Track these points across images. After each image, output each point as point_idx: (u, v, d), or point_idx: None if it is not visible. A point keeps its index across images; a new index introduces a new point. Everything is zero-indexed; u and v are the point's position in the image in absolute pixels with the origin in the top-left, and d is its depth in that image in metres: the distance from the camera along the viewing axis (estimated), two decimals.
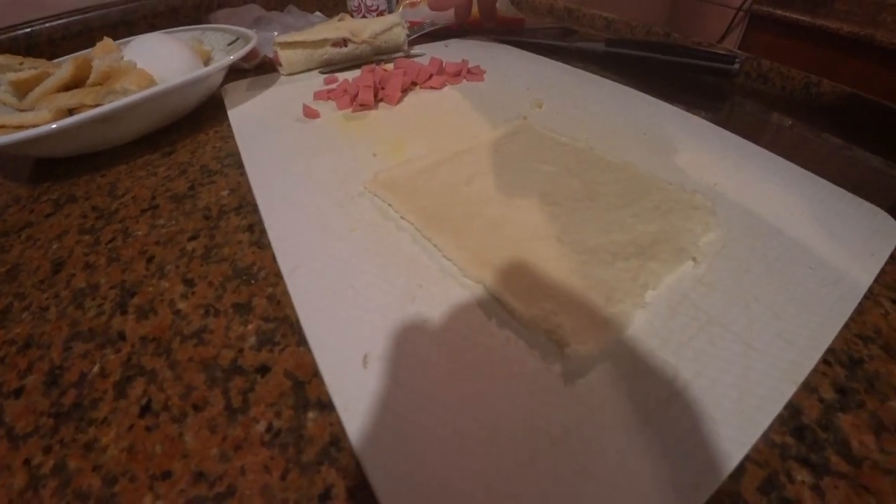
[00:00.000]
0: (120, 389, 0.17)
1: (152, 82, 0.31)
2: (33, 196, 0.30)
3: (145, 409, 0.16)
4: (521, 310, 0.16)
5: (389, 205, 0.22)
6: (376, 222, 0.21)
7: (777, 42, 0.97)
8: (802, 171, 0.26)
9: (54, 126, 0.27)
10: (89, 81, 0.33)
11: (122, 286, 0.22)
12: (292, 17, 0.52)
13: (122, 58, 0.33)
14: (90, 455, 0.15)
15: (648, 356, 0.16)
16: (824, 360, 0.17)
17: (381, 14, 0.54)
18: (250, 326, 0.19)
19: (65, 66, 0.33)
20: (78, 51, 0.52)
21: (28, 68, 0.35)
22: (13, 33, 0.50)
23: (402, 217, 0.21)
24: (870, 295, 0.20)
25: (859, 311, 0.19)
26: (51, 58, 0.52)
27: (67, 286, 0.22)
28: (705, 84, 0.40)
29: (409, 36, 0.44)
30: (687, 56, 0.39)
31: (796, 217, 0.22)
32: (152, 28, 0.57)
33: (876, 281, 0.20)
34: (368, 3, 0.53)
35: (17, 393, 0.18)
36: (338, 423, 0.15)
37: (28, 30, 0.51)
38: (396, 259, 0.19)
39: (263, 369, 0.17)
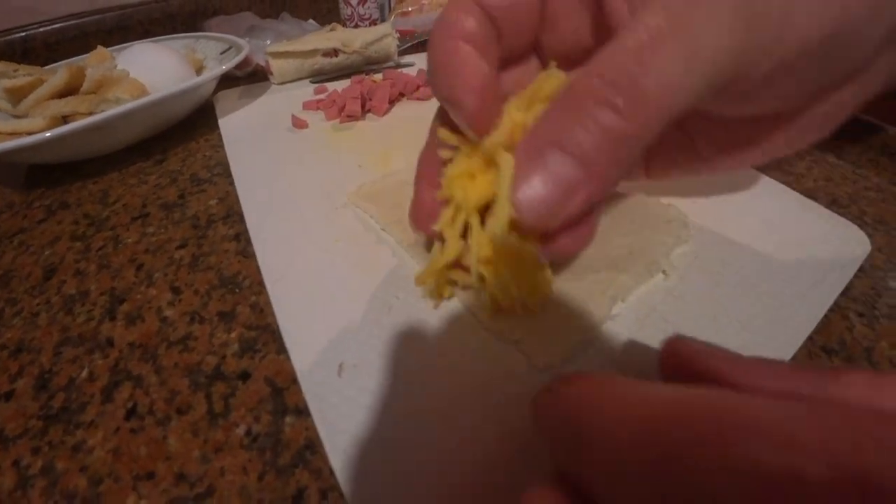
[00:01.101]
0: (107, 393, 0.18)
1: (144, 91, 0.32)
2: (26, 202, 0.31)
3: (131, 413, 0.17)
4: (488, 322, 0.17)
5: (371, 217, 0.23)
6: (358, 234, 0.22)
7: None
8: (776, 184, 0.27)
9: (48, 134, 0.28)
10: (83, 89, 0.34)
11: (112, 293, 0.22)
12: (286, 25, 0.53)
13: (116, 66, 0.34)
14: (77, 456, 0.16)
15: (613, 366, 0.17)
16: None
17: (373, 23, 0.55)
18: (233, 334, 0.20)
19: (59, 74, 0.34)
20: (74, 55, 0.53)
21: (23, 75, 0.36)
22: (9, 37, 0.51)
23: (382, 229, 0.22)
24: (836, 308, 0.21)
25: (825, 323, 0.20)
26: (46, 62, 0.53)
27: (58, 292, 0.23)
28: None
29: (399, 46, 0.46)
30: None
31: (769, 230, 0.24)
32: (147, 34, 0.58)
33: (843, 294, 0.21)
34: (361, 12, 0.54)
35: (8, 396, 0.18)
36: (313, 429, 0.16)
37: (23, 34, 0.52)
38: (376, 270, 0.20)
39: (245, 375, 0.18)
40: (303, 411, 0.17)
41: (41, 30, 0.53)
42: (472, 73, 0.15)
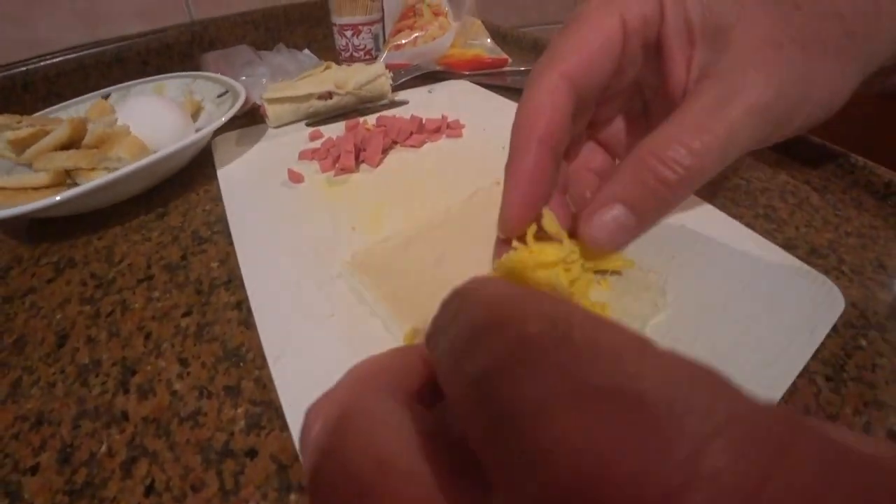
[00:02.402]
0: (126, 469, 0.20)
1: (144, 150, 0.34)
2: (34, 257, 0.33)
3: (149, 490, 0.20)
4: None
5: (364, 288, 0.25)
6: (352, 307, 0.25)
7: None
8: (756, 237, 0.29)
9: (58, 198, 0.30)
10: (85, 142, 0.36)
11: (123, 363, 0.25)
12: (282, 57, 0.55)
13: (116, 120, 0.36)
14: None
15: None
16: None
17: (367, 53, 0.57)
18: (240, 410, 0.22)
19: (62, 128, 0.36)
20: (73, 88, 0.55)
21: (26, 126, 0.38)
22: (9, 72, 0.53)
23: (375, 302, 0.24)
24: (805, 372, 0.23)
25: (792, 390, 0.22)
26: (48, 95, 0.56)
27: (72, 361, 0.25)
28: None
29: (393, 83, 0.47)
30: None
31: (745, 290, 0.25)
32: (145, 65, 0.60)
33: (813, 357, 0.23)
34: (356, 43, 0.56)
35: (34, 470, 0.21)
36: None
37: (24, 69, 0.54)
38: (369, 347, 0.22)
39: (252, 452, 0.20)
40: (305, 489, 0.19)
41: (41, 64, 0.55)
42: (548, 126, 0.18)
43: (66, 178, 0.35)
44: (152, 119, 0.36)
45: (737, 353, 0.22)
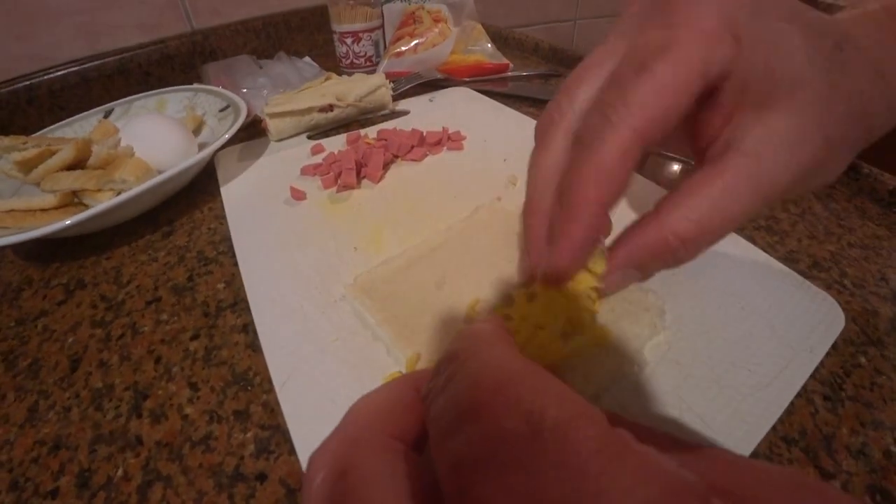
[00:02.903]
0: (142, 493, 0.21)
1: (149, 172, 0.35)
2: (44, 279, 0.34)
3: None
4: None
5: (366, 311, 0.26)
6: (355, 330, 0.25)
7: None
8: (757, 251, 0.29)
9: (69, 222, 0.31)
10: (90, 163, 0.37)
11: (135, 388, 0.26)
12: (282, 65, 0.56)
13: (119, 141, 0.37)
14: None
15: None
16: None
17: (368, 60, 0.57)
18: (249, 434, 0.23)
19: (67, 149, 0.37)
20: (77, 101, 0.56)
21: (32, 146, 0.39)
22: (13, 87, 0.54)
23: (377, 325, 0.25)
24: (802, 392, 0.23)
25: (789, 411, 0.22)
26: (52, 108, 0.57)
27: (86, 385, 0.26)
28: None
29: (394, 92, 0.48)
30: None
31: (744, 308, 0.26)
32: (147, 76, 0.61)
33: (811, 377, 0.23)
34: (356, 50, 0.56)
35: (53, 494, 0.22)
36: None
37: (27, 83, 0.55)
38: (371, 371, 0.23)
39: (262, 477, 0.21)
40: None
41: (45, 78, 0.56)
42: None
43: (74, 198, 0.37)
44: (155, 139, 0.37)
45: (735, 374, 0.23)
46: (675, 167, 0.39)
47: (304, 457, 0.21)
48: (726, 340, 0.24)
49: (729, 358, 0.24)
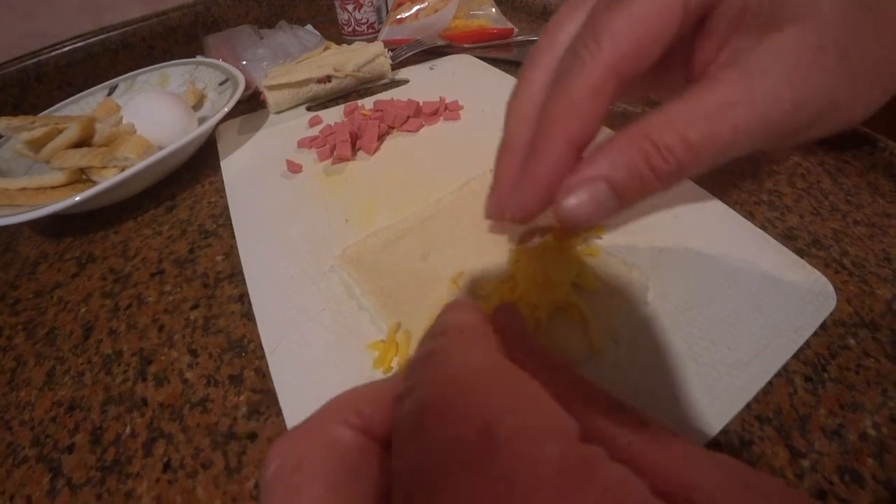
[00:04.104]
0: (147, 449, 0.24)
1: (150, 149, 0.36)
2: (58, 252, 0.37)
3: (167, 466, 0.23)
4: None
5: (353, 282, 0.27)
6: (342, 301, 0.27)
7: None
8: (754, 228, 0.29)
9: (78, 199, 0.33)
10: (95, 141, 0.39)
11: (141, 354, 0.28)
12: (283, 35, 0.56)
13: (121, 119, 0.39)
14: (130, 502, 0.22)
15: None
16: (714, 442, 0.21)
17: (371, 27, 0.57)
18: (242, 397, 0.25)
19: (72, 127, 0.39)
20: (84, 77, 0.58)
21: (40, 126, 0.41)
22: (22, 64, 0.57)
23: (362, 295, 0.26)
24: (783, 372, 0.24)
25: (767, 389, 0.23)
26: (60, 85, 0.59)
27: (97, 352, 0.29)
28: None
29: (393, 60, 0.48)
30: None
31: (732, 286, 0.26)
32: (151, 49, 0.62)
33: (795, 357, 0.24)
34: (358, 17, 0.55)
35: (70, 449, 0.25)
36: None
37: (35, 60, 0.57)
38: (355, 340, 0.25)
39: (252, 436, 0.23)
40: None
41: (52, 54, 0.58)
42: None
43: (82, 175, 0.39)
44: (155, 116, 0.38)
45: (714, 352, 0.23)
46: None
47: (290, 419, 0.23)
48: (709, 318, 0.25)
49: (710, 335, 0.24)
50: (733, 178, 0.34)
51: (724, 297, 0.26)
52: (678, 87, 0.19)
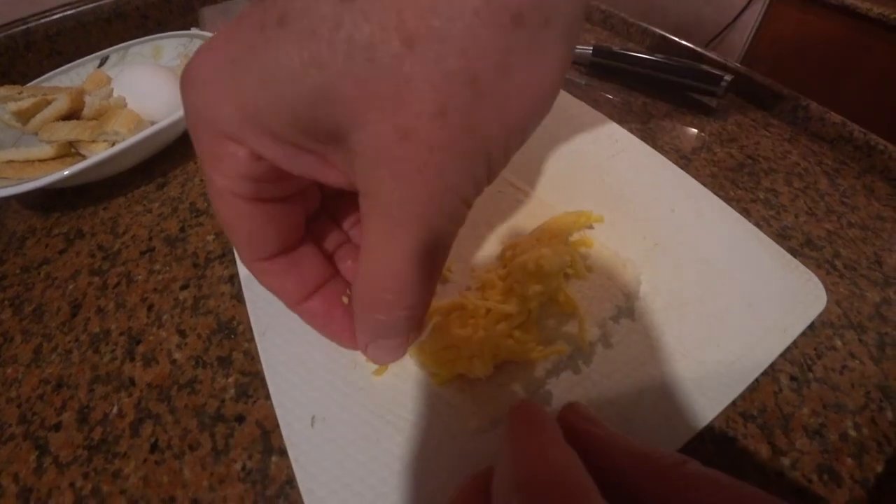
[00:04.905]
0: (134, 429, 0.24)
1: (140, 123, 0.35)
2: (46, 228, 0.36)
3: (154, 447, 0.23)
4: (434, 386, 0.22)
5: None
6: None
7: (802, 20, 0.92)
8: (749, 226, 0.29)
9: (67, 172, 0.32)
10: (84, 114, 0.38)
11: (129, 333, 0.28)
12: None
13: (112, 92, 0.38)
14: (117, 482, 0.22)
15: None
16: (699, 437, 0.21)
17: None
18: (230, 379, 0.25)
19: (61, 99, 0.38)
20: (74, 46, 0.56)
21: (27, 97, 0.40)
22: (10, 31, 0.55)
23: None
24: (770, 371, 0.24)
25: (753, 388, 0.23)
26: (50, 53, 0.57)
27: (85, 330, 0.28)
28: (692, 99, 0.42)
29: None
30: (672, 74, 0.41)
31: (724, 283, 0.26)
32: (145, 20, 0.60)
33: (782, 356, 0.24)
34: None
35: (57, 427, 0.24)
36: (292, 468, 0.21)
37: (24, 27, 0.55)
38: None
39: (240, 418, 0.24)
40: (285, 452, 0.22)
41: (42, 21, 0.56)
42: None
43: (70, 148, 0.38)
44: (147, 90, 0.37)
45: (703, 349, 0.23)
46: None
47: (276, 403, 0.23)
48: (700, 315, 0.25)
49: (699, 332, 0.24)
50: (733, 174, 0.34)
51: (716, 294, 0.26)
52: None
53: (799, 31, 0.94)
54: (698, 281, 0.26)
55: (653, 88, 0.43)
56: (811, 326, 0.25)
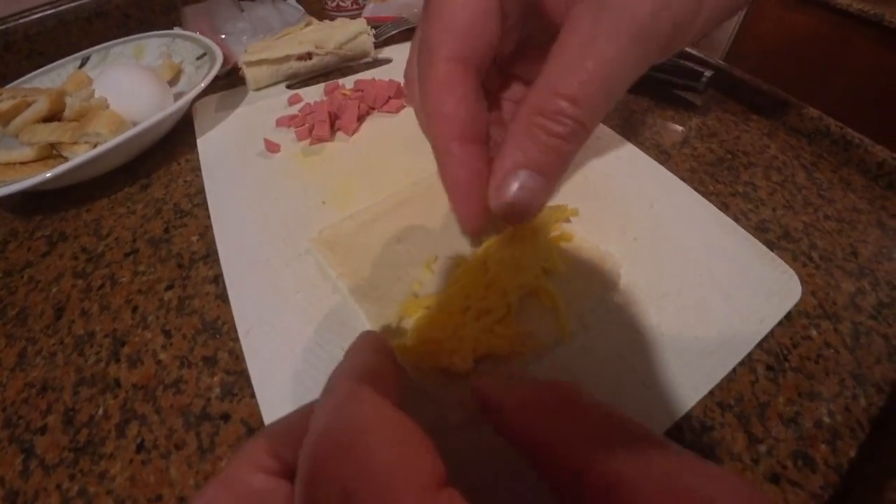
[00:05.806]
0: (120, 430, 0.24)
1: (123, 124, 0.35)
2: (28, 231, 0.36)
3: (140, 447, 0.23)
4: (417, 381, 0.22)
5: (328, 265, 0.27)
6: (316, 283, 0.27)
7: (785, 16, 0.93)
8: (726, 220, 0.30)
9: (49, 175, 0.32)
10: (65, 116, 0.38)
11: (114, 335, 0.28)
12: (264, 9, 0.54)
13: (93, 92, 0.38)
14: (103, 483, 0.22)
15: None
16: (677, 427, 0.22)
17: (355, 2, 0.55)
18: (216, 378, 0.25)
19: (41, 101, 0.37)
20: (55, 46, 0.55)
21: (7, 98, 0.39)
22: None
23: (337, 277, 0.26)
24: (746, 361, 0.24)
25: (730, 377, 0.24)
26: (30, 54, 0.57)
27: (69, 332, 0.28)
28: (674, 95, 0.42)
29: (376, 39, 0.47)
30: (654, 70, 0.41)
31: (701, 276, 0.27)
32: (127, 19, 0.60)
33: (758, 346, 0.24)
34: None
35: (42, 430, 0.24)
36: None
37: (3, 27, 0.54)
38: (329, 323, 0.25)
39: (225, 417, 0.24)
40: None
41: (21, 21, 0.55)
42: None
43: (52, 151, 0.37)
44: (129, 91, 0.37)
45: (681, 340, 0.24)
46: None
47: (263, 400, 0.23)
48: (678, 307, 0.25)
49: (678, 324, 0.25)
50: (712, 168, 0.34)
51: (694, 287, 0.26)
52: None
53: (781, 27, 0.95)
54: (677, 274, 0.27)
55: (635, 84, 0.43)
56: (787, 317, 0.26)
